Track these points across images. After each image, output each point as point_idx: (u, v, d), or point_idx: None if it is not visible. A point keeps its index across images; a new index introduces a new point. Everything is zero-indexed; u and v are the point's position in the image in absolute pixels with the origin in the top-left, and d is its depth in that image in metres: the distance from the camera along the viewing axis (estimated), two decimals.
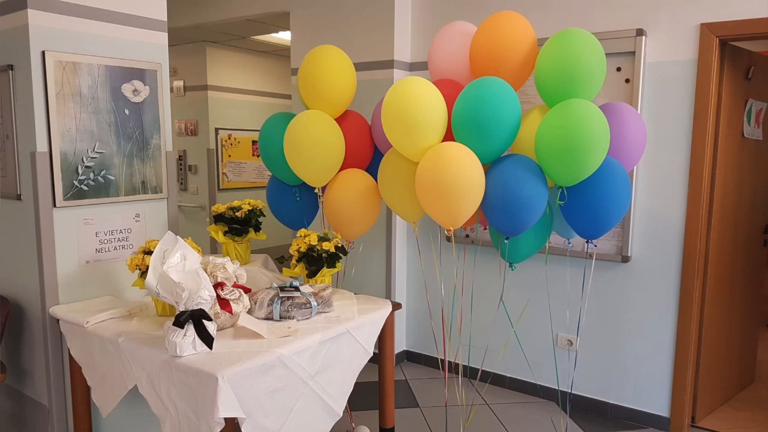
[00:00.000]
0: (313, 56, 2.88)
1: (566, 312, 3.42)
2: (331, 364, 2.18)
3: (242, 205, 2.92)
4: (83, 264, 2.47)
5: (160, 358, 1.90)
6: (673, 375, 3.19)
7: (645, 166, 3.16)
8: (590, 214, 2.44)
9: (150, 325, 2.18)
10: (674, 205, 3.11)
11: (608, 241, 3.27)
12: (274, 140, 2.94)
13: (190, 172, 6.35)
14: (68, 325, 2.28)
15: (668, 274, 3.16)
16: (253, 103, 6.55)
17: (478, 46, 2.61)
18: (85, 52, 2.40)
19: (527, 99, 3.35)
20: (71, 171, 2.39)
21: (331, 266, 2.59)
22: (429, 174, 2.41)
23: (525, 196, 2.39)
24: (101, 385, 2.18)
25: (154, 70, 2.64)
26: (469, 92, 2.46)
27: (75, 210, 2.43)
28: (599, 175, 2.39)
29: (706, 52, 2.96)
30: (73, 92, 2.37)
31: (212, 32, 5.57)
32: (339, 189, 2.91)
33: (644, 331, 3.26)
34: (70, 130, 2.37)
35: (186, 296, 1.85)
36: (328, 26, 4.12)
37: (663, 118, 3.10)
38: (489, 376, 3.82)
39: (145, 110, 2.62)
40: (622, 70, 3.16)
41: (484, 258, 3.65)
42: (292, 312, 2.26)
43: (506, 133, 2.45)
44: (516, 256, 2.73)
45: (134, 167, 2.60)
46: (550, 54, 2.40)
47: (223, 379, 1.74)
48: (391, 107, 2.47)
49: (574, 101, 2.32)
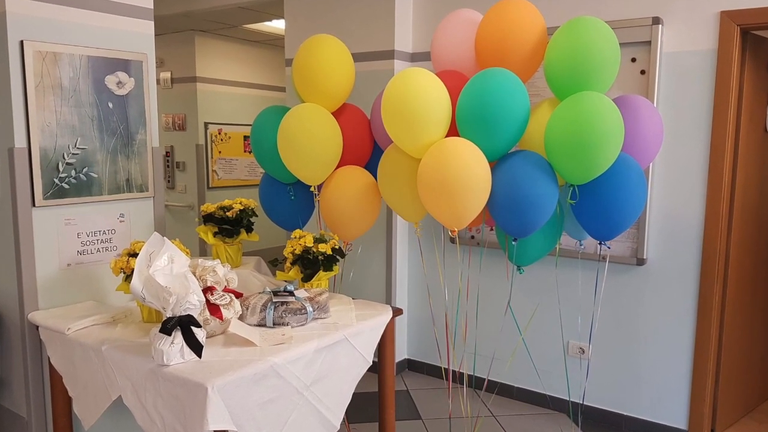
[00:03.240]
0: (308, 46, 2.88)
1: (578, 318, 3.42)
2: (327, 374, 2.18)
3: (233, 204, 2.92)
4: (64, 267, 2.47)
5: (145, 367, 1.90)
6: (692, 385, 3.19)
7: (661, 162, 3.16)
8: (603, 214, 2.44)
9: (135, 332, 2.18)
10: (692, 204, 3.12)
11: (622, 243, 3.28)
12: (267, 135, 2.94)
13: (178, 170, 6.35)
14: (48, 331, 2.28)
15: (686, 277, 3.16)
16: (244, 96, 6.55)
17: (484, 35, 2.61)
18: (66, 41, 2.40)
19: (536, 92, 3.35)
20: (51, 168, 2.39)
21: (328, 269, 2.59)
22: (432, 171, 2.42)
23: (534, 195, 2.40)
24: (83, 396, 2.18)
25: (139, 60, 2.64)
26: (475, 84, 2.46)
27: (55, 209, 2.43)
28: (613, 173, 2.39)
29: (726, 42, 2.96)
30: (53, 84, 2.37)
31: (201, 20, 5.57)
32: (336, 187, 2.91)
33: (661, 339, 3.26)
34: (51, 124, 2.37)
35: (173, 301, 1.85)
36: (325, 14, 4.12)
37: (680, 111, 3.10)
38: (495, 386, 3.82)
39: (130, 103, 2.62)
40: (637, 61, 3.17)
41: (491, 261, 3.65)
42: (286, 318, 2.26)
43: (514, 128, 2.45)
44: (524, 258, 2.73)
45: (118, 164, 2.60)
46: (560, 44, 2.40)
47: (212, 389, 1.74)
48: (391, 100, 2.47)
49: (586, 94, 2.33)
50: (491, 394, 3.81)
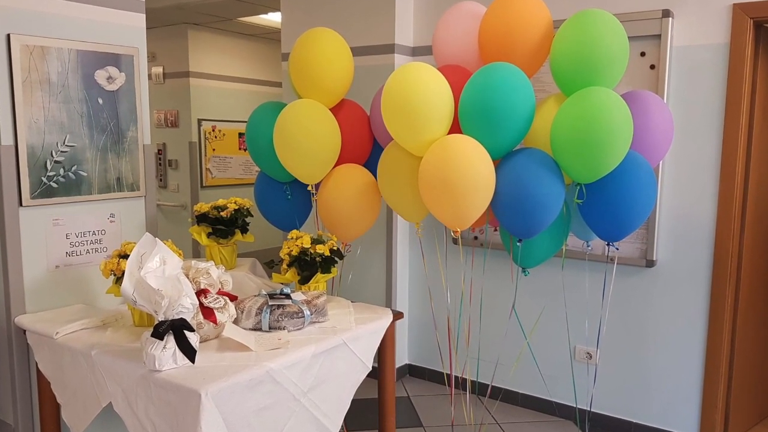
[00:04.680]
0: (305, 40, 2.88)
1: (585, 322, 3.42)
2: (325, 380, 2.18)
3: (228, 204, 2.92)
4: (52, 269, 2.47)
5: (137, 373, 1.90)
6: (703, 391, 3.19)
7: (672, 160, 3.16)
8: (611, 213, 2.44)
9: (126, 337, 2.18)
10: (704, 203, 3.12)
11: (631, 244, 3.28)
12: (262, 132, 2.94)
13: (170, 168, 6.35)
14: (36, 336, 2.28)
15: (697, 279, 3.16)
16: (239, 92, 6.55)
17: (488, 28, 2.61)
18: (54, 35, 2.40)
19: (542, 87, 3.35)
20: (39, 166, 2.39)
21: (326, 271, 2.59)
22: (434, 170, 2.42)
23: (539, 194, 2.40)
24: (72, 403, 2.18)
25: (130, 55, 2.64)
26: (478, 79, 2.46)
27: (43, 209, 2.43)
28: (621, 171, 2.39)
29: (739, 35, 2.96)
30: (41, 79, 2.37)
31: (195, 13, 5.58)
32: (334, 186, 2.91)
33: (671, 343, 3.26)
34: (38, 121, 2.37)
35: (166, 304, 1.85)
36: (323, 6, 4.12)
37: (691, 107, 3.10)
38: (500, 392, 3.82)
39: (121, 99, 2.62)
40: (647, 55, 3.17)
41: (495, 262, 3.65)
42: (282, 322, 2.26)
43: (519, 125, 2.45)
44: (530, 260, 2.73)
45: (108, 162, 2.60)
46: (567, 37, 2.40)
47: (206, 395, 1.74)
48: (391, 96, 2.47)
49: (594, 89, 2.33)
50: (495, 400, 3.81)
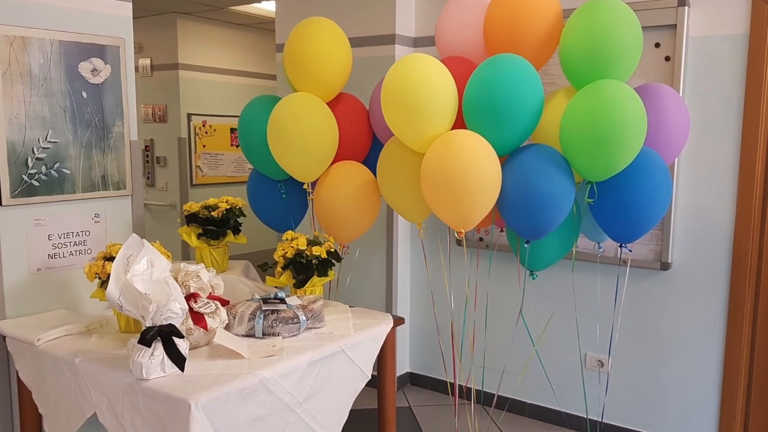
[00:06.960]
0: (301, 30, 2.88)
1: (596, 328, 3.42)
2: (322, 389, 2.18)
3: (219, 203, 2.92)
4: (33, 272, 2.47)
5: (123, 382, 1.90)
6: (721, 401, 3.20)
7: (688, 157, 3.16)
8: (624, 214, 2.44)
9: (111, 343, 2.18)
10: (722, 203, 3.12)
11: (645, 246, 3.28)
12: (256, 128, 2.94)
13: (158, 165, 6.35)
14: (16, 342, 2.28)
15: (715, 283, 3.16)
16: (231, 85, 6.55)
17: (494, 18, 2.61)
18: (35, 25, 2.40)
19: (551, 80, 3.35)
20: (20, 164, 2.39)
21: (323, 274, 2.60)
22: (436, 167, 2.42)
23: (548, 194, 2.40)
24: (55, 413, 2.18)
25: (116, 46, 2.64)
26: (483, 72, 2.46)
27: (24, 209, 2.43)
28: (634, 169, 2.39)
29: (759, 25, 2.96)
30: (22, 72, 2.37)
31: (184, 2, 5.57)
32: (332, 185, 2.91)
33: (687, 350, 3.26)
34: (19, 115, 2.37)
35: (153, 309, 1.85)
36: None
37: (709, 101, 3.10)
38: (506, 402, 3.82)
39: (106, 93, 2.62)
40: (662, 46, 3.17)
41: (501, 265, 3.65)
42: (276, 328, 2.26)
43: (526, 120, 2.45)
44: (538, 262, 2.73)
45: (93, 159, 2.61)
46: (577, 27, 2.41)
47: (196, 405, 1.74)
48: (392, 89, 2.47)
49: (606, 82, 2.33)
50: (501, 410, 3.81)
